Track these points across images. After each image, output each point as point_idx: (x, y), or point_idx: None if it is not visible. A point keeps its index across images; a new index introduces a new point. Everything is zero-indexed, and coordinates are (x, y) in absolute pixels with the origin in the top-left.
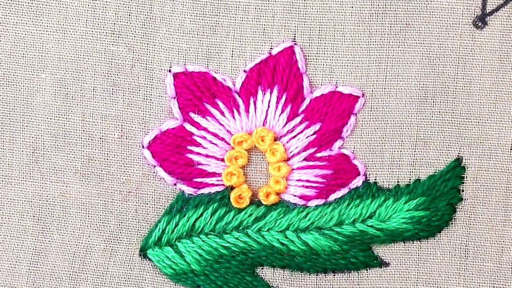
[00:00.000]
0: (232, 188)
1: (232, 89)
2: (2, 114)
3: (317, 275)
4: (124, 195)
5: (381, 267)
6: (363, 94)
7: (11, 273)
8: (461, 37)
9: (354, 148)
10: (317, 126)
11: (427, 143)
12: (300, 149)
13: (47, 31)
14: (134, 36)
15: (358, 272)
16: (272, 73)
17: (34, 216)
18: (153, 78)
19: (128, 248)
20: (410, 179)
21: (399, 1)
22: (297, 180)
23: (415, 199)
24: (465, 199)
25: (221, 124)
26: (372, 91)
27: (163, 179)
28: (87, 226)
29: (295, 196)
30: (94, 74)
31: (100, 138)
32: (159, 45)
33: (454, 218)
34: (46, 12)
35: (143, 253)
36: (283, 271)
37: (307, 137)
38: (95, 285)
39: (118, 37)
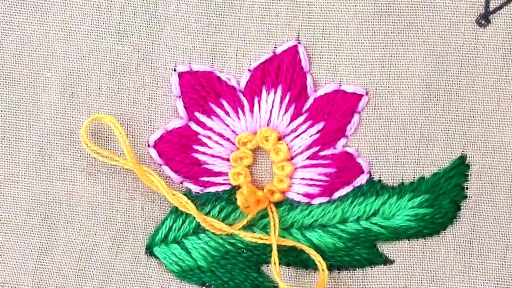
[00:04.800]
0: (239, 187)
1: (236, 88)
2: (8, 113)
3: None
4: (130, 193)
5: (385, 265)
6: (366, 93)
7: (18, 271)
8: (464, 35)
9: (358, 146)
10: (320, 125)
11: (431, 141)
12: (304, 148)
13: (52, 30)
14: (139, 36)
15: (363, 270)
16: (276, 72)
17: (40, 214)
18: (158, 77)
19: (134, 246)
20: (414, 177)
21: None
22: (301, 179)
23: (419, 197)
24: (469, 197)
25: (226, 124)
26: (376, 89)
27: (170, 177)
28: (94, 224)
29: (299, 194)
30: (100, 73)
31: (106, 137)
32: (164, 44)
33: (458, 216)
34: (52, 11)
35: (149, 250)
36: (288, 268)
37: (310, 136)
38: (101, 282)
39: (123, 36)
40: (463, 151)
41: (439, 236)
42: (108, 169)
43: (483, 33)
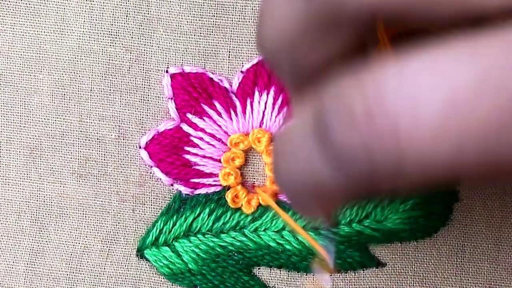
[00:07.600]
0: (229, 188)
1: (229, 90)
2: None
3: (313, 275)
4: (121, 195)
5: (377, 267)
6: None
7: (8, 273)
8: None
9: None
10: None
11: None
12: None
13: (44, 31)
14: (131, 37)
15: (355, 272)
16: (269, 74)
17: (31, 216)
18: (150, 79)
19: (125, 248)
20: None
21: None
22: None
23: (411, 199)
24: (461, 200)
25: (218, 125)
26: None
27: (160, 179)
28: (84, 226)
29: None
30: (91, 75)
31: (97, 139)
32: (156, 46)
33: (451, 219)
34: (43, 12)
35: (140, 253)
36: (280, 271)
37: None
38: (92, 285)
39: (115, 38)
40: None
41: (431, 239)
42: (98, 171)
43: None
